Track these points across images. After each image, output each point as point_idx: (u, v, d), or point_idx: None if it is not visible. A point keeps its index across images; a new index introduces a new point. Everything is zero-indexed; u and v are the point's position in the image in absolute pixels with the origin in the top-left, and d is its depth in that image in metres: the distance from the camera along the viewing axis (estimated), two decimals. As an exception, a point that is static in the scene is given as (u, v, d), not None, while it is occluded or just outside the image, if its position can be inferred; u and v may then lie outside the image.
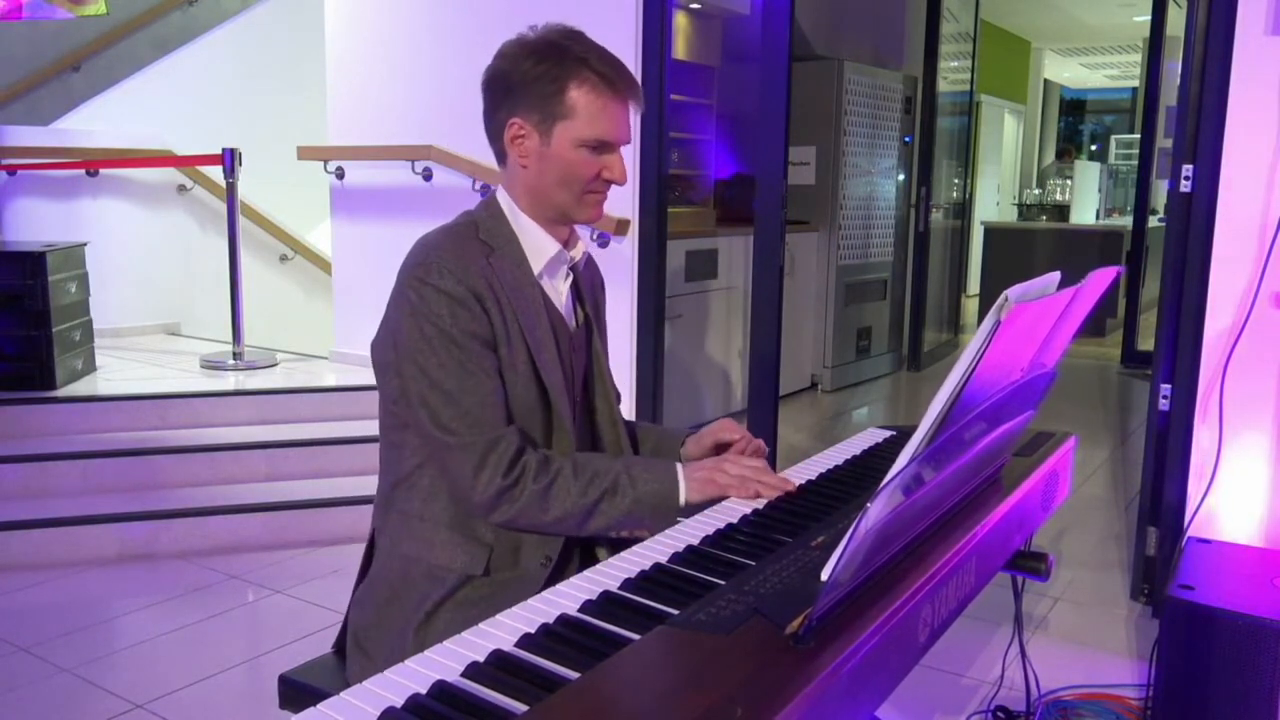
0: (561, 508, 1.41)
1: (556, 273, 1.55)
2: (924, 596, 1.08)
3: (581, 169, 1.45)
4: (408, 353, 1.41)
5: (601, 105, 1.43)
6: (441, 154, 4.06)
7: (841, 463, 1.65)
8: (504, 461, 1.39)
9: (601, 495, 1.42)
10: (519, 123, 1.45)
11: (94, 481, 3.53)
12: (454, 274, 1.40)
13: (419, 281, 1.40)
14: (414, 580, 1.46)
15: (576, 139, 1.43)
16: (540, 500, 1.40)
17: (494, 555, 1.46)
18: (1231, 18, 2.61)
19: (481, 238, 1.48)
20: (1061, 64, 12.77)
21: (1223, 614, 2.05)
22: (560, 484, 1.41)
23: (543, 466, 1.42)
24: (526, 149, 1.46)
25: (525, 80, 1.43)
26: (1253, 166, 2.62)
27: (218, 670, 2.58)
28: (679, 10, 5.02)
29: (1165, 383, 2.84)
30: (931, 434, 0.96)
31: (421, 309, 1.39)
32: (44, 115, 5.64)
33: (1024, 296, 1.01)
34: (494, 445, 1.39)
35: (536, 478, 1.40)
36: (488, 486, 1.38)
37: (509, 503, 1.40)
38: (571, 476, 1.42)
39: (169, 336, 5.50)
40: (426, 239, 1.47)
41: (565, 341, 1.55)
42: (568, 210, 1.49)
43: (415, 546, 1.47)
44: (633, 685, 0.91)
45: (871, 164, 6.12)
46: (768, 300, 3.46)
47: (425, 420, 1.40)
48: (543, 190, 1.48)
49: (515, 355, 1.45)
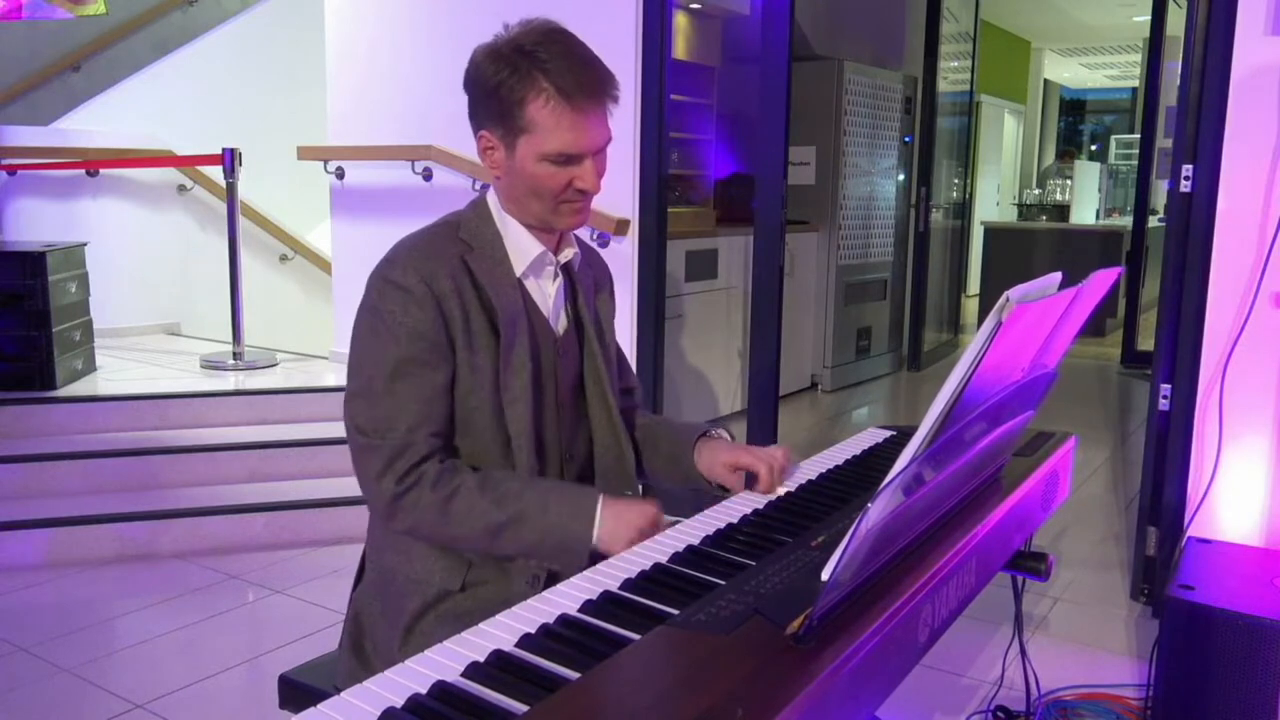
0: (462, 524, 1.35)
1: (542, 274, 1.51)
2: (924, 596, 1.08)
3: (549, 181, 1.40)
4: (353, 347, 1.41)
5: (559, 119, 1.36)
6: (441, 154, 4.06)
7: (841, 463, 1.65)
8: (405, 466, 1.35)
9: (506, 520, 1.35)
10: (486, 135, 1.42)
11: (94, 481, 3.53)
12: (417, 271, 1.38)
13: (380, 278, 1.39)
14: (395, 591, 1.44)
15: (538, 153, 1.38)
16: (439, 512, 1.35)
17: (472, 570, 1.42)
18: (1231, 18, 2.61)
19: (461, 236, 1.46)
20: (1061, 64, 12.77)
21: (1223, 614, 2.05)
22: (461, 498, 1.36)
23: (444, 476, 1.36)
24: (496, 160, 1.43)
25: (486, 91, 1.38)
26: (1253, 166, 2.62)
27: (218, 670, 2.58)
28: (679, 10, 5.02)
29: (1165, 383, 2.84)
30: (932, 434, 0.96)
31: (377, 304, 1.39)
32: (44, 115, 5.64)
33: (1025, 297, 1.01)
34: (400, 450, 1.35)
35: (435, 486, 1.35)
36: (385, 491, 1.35)
37: (406, 510, 1.35)
38: (476, 491, 1.36)
39: (169, 336, 5.50)
40: (405, 238, 1.46)
41: (548, 344, 1.51)
42: (545, 219, 1.45)
43: (395, 558, 1.45)
44: (633, 685, 0.91)
45: (871, 164, 6.12)
46: (768, 300, 3.46)
47: (346, 417, 1.39)
48: (517, 200, 1.45)
49: (480, 356, 1.41)
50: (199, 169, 5.38)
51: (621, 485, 1.58)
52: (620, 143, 3.50)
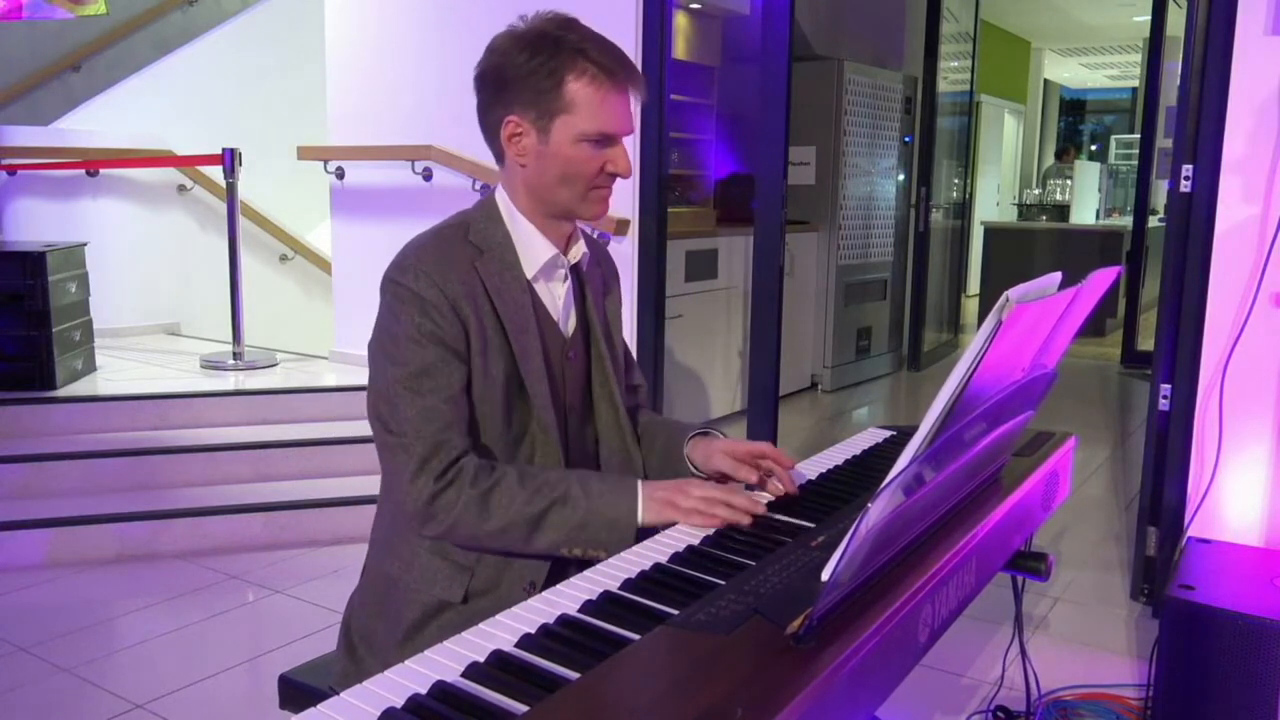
0: (504, 516, 1.32)
1: (553, 276, 1.50)
2: (924, 596, 1.08)
3: (584, 165, 1.39)
4: (374, 351, 1.40)
5: (602, 97, 1.36)
6: (441, 154, 4.06)
7: (841, 463, 1.65)
8: (441, 465, 1.32)
9: (550, 505, 1.33)
10: (515, 120, 1.39)
11: (94, 481, 3.53)
12: (429, 277, 1.36)
13: (394, 283, 1.38)
14: (395, 599, 1.43)
15: (577, 134, 1.37)
16: (479, 507, 1.32)
17: (474, 579, 1.40)
18: (1231, 18, 2.61)
19: (471, 239, 1.43)
20: (1061, 64, 12.77)
21: (1223, 614, 2.05)
22: (502, 490, 1.33)
23: (483, 471, 1.34)
24: (524, 147, 1.40)
25: (519, 75, 1.36)
26: (1253, 166, 2.62)
27: (218, 670, 2.58)
28: (679, 10, 5.02)
29: (1165, 383, 2.84)
30: (932, 434, 0.96)
31: (393, 309, 1.37)
32: (44, 115, 5.63)
33: (1025, 297, 1.01)
34: (436, 449, 1.33)
35: (475, 482, 1.33)
36: (422, 491, 1.32)
37: (445, 510, 1.32)
38: (516, 483, 1.34)
39: (169, 336, 5.50)
40: (415, 240, 1.44)
41: (557, 348, 1.49)
42: (571, 208, 1.43)
43: (396, 565, 1.43)
44: (633, 685, 0.91)
45: (871, 164, 6.12)
46: (768, 300, 3.46)
47: (376, 419, 1.38)
48: (544, 188, 1.42)
49: (492, 364, 1.40)
50: (199, 169, 5.38)
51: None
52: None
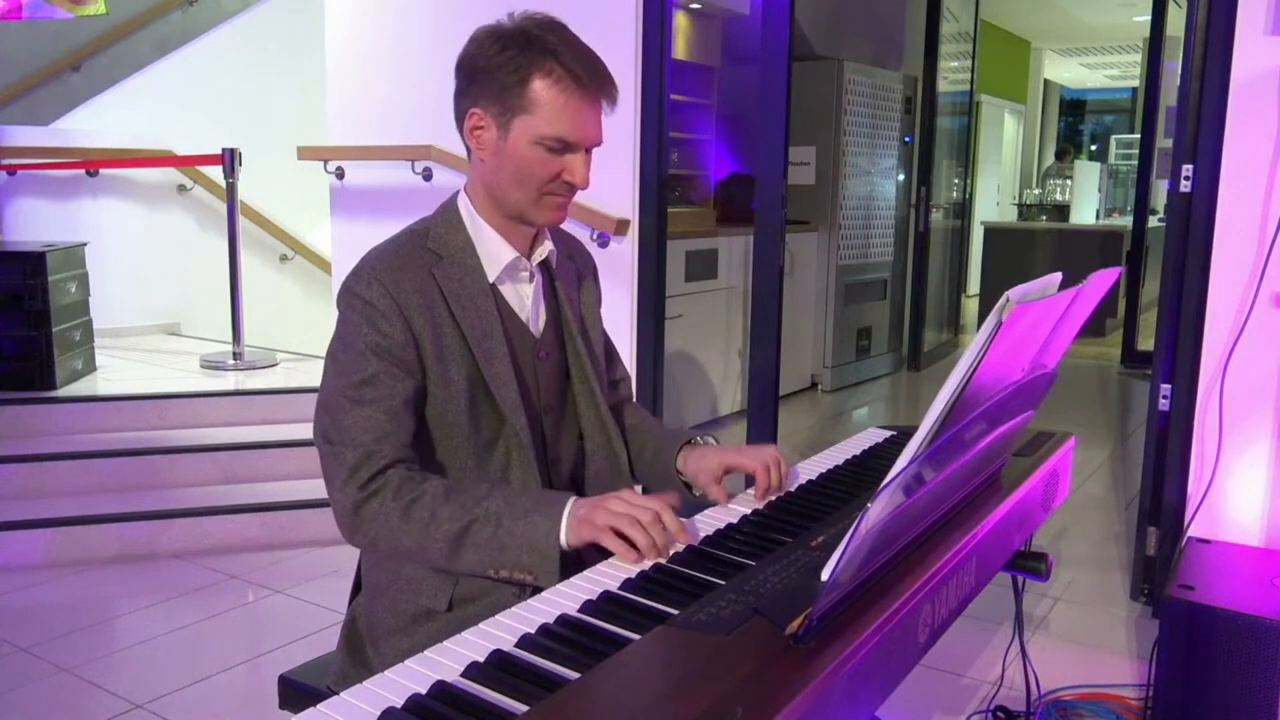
0: (424, 531, 1.27)
1: (518, 277, 1.47)
2: (924, 596, 1.08)
3: (538, 168, 1.36)
4: (326, 361, 1.39)
5: (565, 102, 1.33)
6: (441, 154, 4.06)
7: (841, 463, 1.65)
8: (368, 474, 1.30)
9: (471, 522, 1.27)
10: (478, 113, 1.37)
11: (94, 481, 3.53)
12: (382, 285, 1.34)
13: (349, 292, 1.37)
14: (383, 607, 1.42)
15: (535, 136, 1.34)
16: (401, 519, 1.28)
17: (459, 586, 1.37)
18: (1231, 18, 2.61)
19: (429, 246, 1.41)
20: (1061, 64, 12.78)
21: (1223, 614, 2.05)
22: (424, 504, 1.28)
23: (409, 483, 1.30)
24: (483, 141, 1.38)
25: (488, 68, 1.34)
26: (1253, 166, 2.62)
27: (218, 670, 2.58)
28: (679, 10, 5.02)
29: (1165, 383, 2.84)
30: (932, 434, 0.96)
31: (346, 318, 1.36)
32: (44, 115, 5.63)
33: (1025, 297, 1.01)
34: (366, 458, 1.30)
35: (398, 494, 1.29)
36: (347, 500, 1.30)
37: (368, 520, 1.30)
38: (441, 498, 1.28)
39: (169, 336, 5.50)
40: (375, 248, 1.42)
41: (527, 349, 1.47)
42: (524, 210, 1.40)
43: (380, 574, 1.43)
44: (633, 685, 0.91)
45: (871, 164, 6.12)
46: (768, 300, 3.46)
47: (314, 427, 1.37)
48: (498, 186, 1.40)
49: (453, 370, 1.37)
50: (199, 169, 5.38)
51: (617, 487, 1.53)
52: (620, 143, 3.50)
